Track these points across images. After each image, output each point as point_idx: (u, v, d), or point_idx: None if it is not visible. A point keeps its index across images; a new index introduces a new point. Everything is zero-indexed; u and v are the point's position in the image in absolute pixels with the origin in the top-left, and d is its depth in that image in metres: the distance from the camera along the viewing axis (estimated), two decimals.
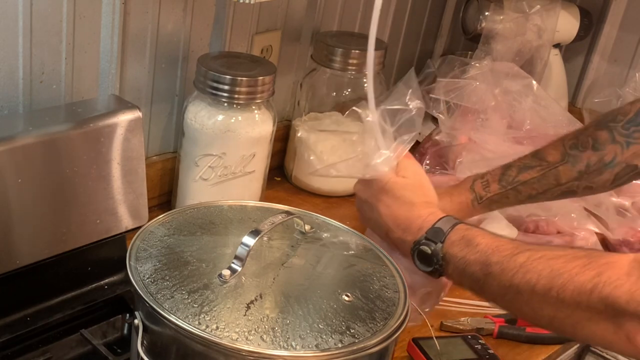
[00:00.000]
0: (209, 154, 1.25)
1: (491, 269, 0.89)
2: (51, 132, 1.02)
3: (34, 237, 1.00)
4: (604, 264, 0.79)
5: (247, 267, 0.83)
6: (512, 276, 0.87)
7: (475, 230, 0.96)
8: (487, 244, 0.92)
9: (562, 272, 0.82)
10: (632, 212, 1.46)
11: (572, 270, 0.81)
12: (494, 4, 1.67)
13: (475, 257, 0.92)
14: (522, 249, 0.89)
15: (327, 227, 0.98)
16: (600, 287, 0.77)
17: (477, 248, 0.92)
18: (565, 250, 0.86)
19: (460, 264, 0.93)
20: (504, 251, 0.90)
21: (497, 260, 0.89)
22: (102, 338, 1.08)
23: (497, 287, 0.89)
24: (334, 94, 1.52)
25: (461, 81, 1.54)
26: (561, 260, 0.83)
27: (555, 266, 0.83)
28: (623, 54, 1.92)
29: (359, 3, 1.63)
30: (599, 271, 0.78)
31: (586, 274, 0.79)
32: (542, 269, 0.84)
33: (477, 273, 0.91)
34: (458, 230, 0.96)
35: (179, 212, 0.96)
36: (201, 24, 1.31)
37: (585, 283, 0.79)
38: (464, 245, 0.94)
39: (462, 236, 0.95)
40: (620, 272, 0.77)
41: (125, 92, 1.24)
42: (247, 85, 1.23)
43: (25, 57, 1.08)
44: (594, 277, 0.78)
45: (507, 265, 0.87)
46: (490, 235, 0.94)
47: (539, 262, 0.85)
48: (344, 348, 0.76)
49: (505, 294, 0.89)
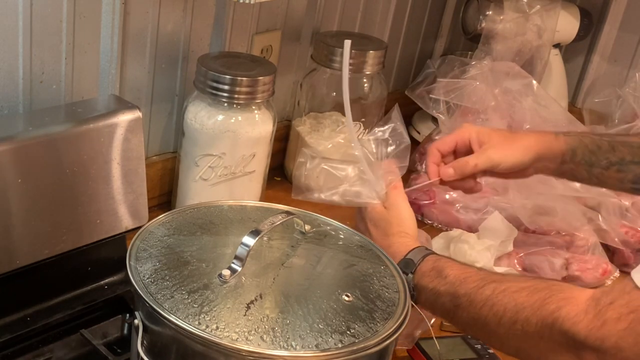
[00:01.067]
0: (209, 154, 1.25)
1: (460, 300, 0.92)
2: (51, 132, 1.02)
3: (34, 237, 1.00)
4: (563, 299, 0.83)
5: (247, 267, 0.83)
6: (479, 309, 0.89)
7: (444, 261, 0.97)
8: (456, 275, 0.94)
9: (526, 306, 0.85)
10: (632, 212, 1.46)
11: (534, 304, 0.85)
12: (494, 4, 1.67)
13: (445, 288, 0.94)
14: (488, 281, 0.91)
15: (327, 227, 0.98)
16: (561, 321, 0.81)
17: (447, 280, 0.94)
18: (528, 282, 0.89)
19: (431, 295, 0.95)
20: (471, 283, 0.92)
21: (464, 293, 0.91)
22: (102, 338, 1.08)
23: (466, 318, 0.92)
24: (334, 94, 1.52)
25: (461, 81, 1.54)
26: (524, 293, 0.86)
27: (519, 300, 0.86)
28: (623, 54, 1.92)
29: (359, 3, 1.63)
30: (559, 305, 0.82)
31: (547, 307, 0.83)
32: (507, 302, 0.87)
33: (447, 304, 0.94)
34: (428, 261, 0.98)
35: (179, 212, 0.96)
36: (201, 24, 1.31)
37: (547, 317, 0.83)
38: (434, 276, 0.96)
39: (432, 267, 0.97)
40: (578, 308, 0.81)
41: (125, 92, 1.24)
42: (247, 85, 1.23)
43: (25, 57, 1.08)
44: (554, 312, 0.82)
45: (475, 298, 0.90)
46: (459, 266, 0.96)
47: (504, 296, 0.88)
48: (344, 348, 0.76)
49: (474, 325, 0.92)
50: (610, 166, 1.15)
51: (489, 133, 1.15)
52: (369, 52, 1.47)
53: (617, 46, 1.92)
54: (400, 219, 1.07)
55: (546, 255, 1.33)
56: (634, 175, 1.16)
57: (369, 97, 1.55)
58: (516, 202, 1.39)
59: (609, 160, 1.15)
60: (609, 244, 1.39)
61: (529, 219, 1.38)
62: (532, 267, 1.33)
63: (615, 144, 1.16)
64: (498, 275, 0.94)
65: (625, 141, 1.16)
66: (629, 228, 1.42)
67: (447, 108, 1.56)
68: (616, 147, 1.15)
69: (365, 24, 1.67)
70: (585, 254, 1.35)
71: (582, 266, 1.33)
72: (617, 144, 1.16)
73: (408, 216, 1.08)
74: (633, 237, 1.41)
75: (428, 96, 1.56)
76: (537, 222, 1.39)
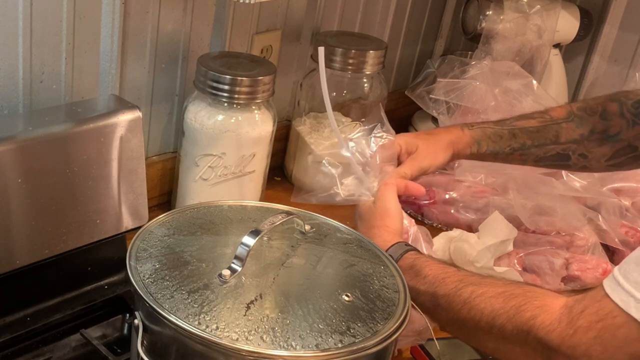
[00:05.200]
0: (209, 154, 1.25)
1: (439, 301, 0.94)
2: (51, 132, 1.02)
3: (34, 237, 1.00)
4: (538, 307, 0.85)
5: (247, 267, 0.83)
6: (457, 311, 0.92)
7: (423, 261, 0.99)
8: (435, 275, 0.96)
9: (501, 313, 0.87)
10: (632, 212, 1.46)
11: (509, 311, 0.87)
12: (494, 4, 1.67)
13: (424, 287, 0.96)
14: (465, 283, 0.93)
15: (327, 227, 0.98)
16: (535, 329, 0.84)
17: (426, 279, 0.96)
18: (504, 287, 0.91)
19: (412, 292, 0.96)
20: (449, 284, 0.94)
21: (443, 294, 0.94)
22: (102, 338, 1.08)
23: (445, 318, 0.95)
24: (334, 94, 1.52)
25: (461, 81, 1.54)
26: (500, 299, 0.89)
27: (496, 305, 0.88)
28: (623, 54, 1.91)
29: (359, 3, 1.63)
30: (534, 314, 0.85)
31: (523, 315, 0.85)
32: (484, 307, 0.89)
33: (427, 303, 0.96)
34: (407, 258, 1.00)
35: (179, 212, 0.96)
36: (201, 24, 1.31)
37: (522, 325, 0.85)
38: (413, 275, 0.97)
39: (411, 266, 0.98)
40: (552, 317, 0.83)
41: (125, 92, 1.24)
42: (247, 85, 1.23)
43: (25, 57, 1.08)
44: (529, 320, 0.84)
45: (453, 300, 0.92)
46: (437, 265, 0.98)
47: (480, 300, 0.90)
48: (344, 348, 0.76)
49: (453, 325, 0.95)
50: (514, 152, 1.25)
51: (414, 142, 1.22)
52: (369, 52, 1.47)
53: (617, 46, 1.92)
54: (385, 212, 1.09)
55: (546, 255, 1.33)
56: (536, 157, 1.26)
57: (369, 97, 1.55)
58: (516, 202, 1.39)
59: (511, 147, 1.25)
60: (609, 244, 1.39)
61: (529, 219, 1.38)
62: (532, 267, 1.33)
63: (516, 131, 1.25)
64: (476, 276, 0.95)
65: (524, 127, 1.24)
66: (629, 228, 1.42)
67: (447, 108, 1.56)
68: (517, 134, 1.24)
69: (365, 24, 1.67)
70: (585, 254, 1.35)
71: (582, 266, 1.33)
72: (517, 130, 1.25)
73: (393, 210, 1.10)
74: (633, 237, 1.41)
75: (428, 96, 1.56)
76: (537, 222, 1.38)
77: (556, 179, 1.48)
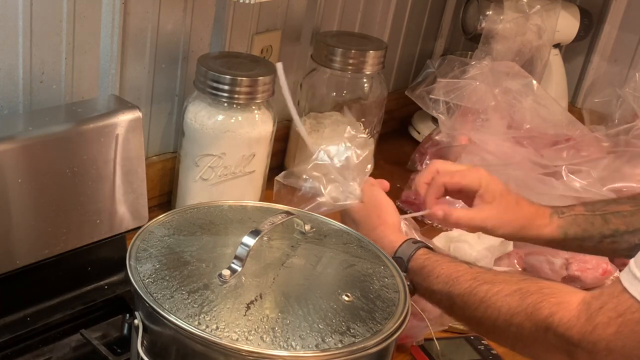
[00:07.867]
0: (209, 154, 1.25)
1: (454, 300, 0.94)
2: (51, 132, 1.02)
3: (34, 237, 1.00)
4: (555, 304, 0.85)
5: (247, 267, 0.83)
6: (474, 310, 0.92)
7: (434, 260, 0.98)
8: (447, 274, 0.95)
9: (519, 311, 0.88)
10: None
11: (527, 309, 0.87)
12: (494, 4, 1.67)
13: (438, 287, 0.96)
14: (480, 281, 0.93)
15: (327, 227, 0.98)
16: (555, 327, 0.84)
17: (439, 279, 0.96)
18: (519, 284, 0.90)
19: (427, 292, 0.97)
20: (463, 283, 0.93)
21: (458, 293, 0.93)
22: (102, 338, 1.08)
23: (462, 316, 0.95)
24: (334, 94, 1.52)
25: (461, 81, 1.54)
26: (516, 297, 0.89)
27: (513, 304, 0.88)
28: (623, 54, 1.91)
29: (359, 3, 1.63)
30: (552, 311, 0.85)
31: (541, 313, 0.86)
32: (501, 305, 0.89)
33: (443, 302, 0.96)
34: (418, 259, 0.99)
35: (179, 212, 0.96)
36: (201, 24, 1.31)
37: (540, 322, 0.86)
38: (425, 275, 0.97)
39: (423, 266, 0.98)
40: (571, 314, 0.83)
41: (125, 92, 1.24)
42: (247, 85, 1.23)
43: (25, 57, 1.08)
44: (547, 317, 0.85)
45: (469, 299, 0.92)
46: (449, 264, 0.97)
47: (497, 299, 0.90)
48: (344, 348, 0.76)
49: (470, 322, 0.95)
50: (604, 239, 1.14)
51: (494, 194, 1.12)
52: (369, 52, 1.47)
53: (617, 46, 1.92)
54: (379, 207, 1.08)
55: (546, 255, 1.33)
56: (629, 244, 1.14)
57: (369, 97, 1.55)
58: None
59: (602, 234, 1.14)
60: None
61: None
62: (532, 267, 1.33)
63: (608, 217, 1.14)
64: (489, 273, 0.95)
65: (617, 211, 1.14)
66: None
67: (447, 108, 1.55)
68: (609, 219, 1.13)
69: (365, 24, 1.67)
70: None
71: (582, 266, 1.33)
72: (610, 215, 1.14)
73: (385, 203, 1.09)
74: None
75: (428, 96, 1.56)
76: None
77: (556, 179, 1.48)
